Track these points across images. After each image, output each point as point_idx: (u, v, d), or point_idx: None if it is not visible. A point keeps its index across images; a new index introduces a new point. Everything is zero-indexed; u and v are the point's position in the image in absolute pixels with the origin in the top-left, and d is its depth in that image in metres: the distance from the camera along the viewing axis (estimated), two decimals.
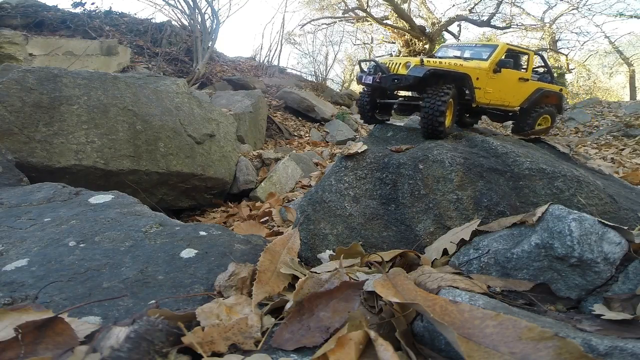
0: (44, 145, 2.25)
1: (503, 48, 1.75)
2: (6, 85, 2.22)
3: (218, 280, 0.91)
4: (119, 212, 1.33)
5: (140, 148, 2.60)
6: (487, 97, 1.70)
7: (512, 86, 1.78)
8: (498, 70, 1.69)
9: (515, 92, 1.81)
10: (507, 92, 1.78)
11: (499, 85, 1.72)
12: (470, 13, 11.11)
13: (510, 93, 1.79)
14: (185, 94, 3.18)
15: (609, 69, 16.73)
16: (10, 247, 1.06)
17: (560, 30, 13.32)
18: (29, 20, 6.11)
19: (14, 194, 1.48)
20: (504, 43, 1.81)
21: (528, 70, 1.85)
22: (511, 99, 1.80)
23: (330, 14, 13.06)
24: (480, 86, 1.64)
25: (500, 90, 1.74)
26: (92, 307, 0.81)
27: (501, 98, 1.76)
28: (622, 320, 0.72)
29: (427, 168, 1.26)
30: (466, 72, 1.57)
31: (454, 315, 0.63)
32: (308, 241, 1.26)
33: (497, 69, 1.69)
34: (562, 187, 1.15)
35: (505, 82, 1.75)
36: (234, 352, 0.67)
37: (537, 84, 1.87)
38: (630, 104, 7.40)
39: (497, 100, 1.75)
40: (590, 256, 0.84)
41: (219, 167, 3.09)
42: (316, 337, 0.68)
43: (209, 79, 7.08)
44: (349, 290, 0.77)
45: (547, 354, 0.53)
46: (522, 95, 1.83)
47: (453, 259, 1.06)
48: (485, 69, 1.67)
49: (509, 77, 1.75)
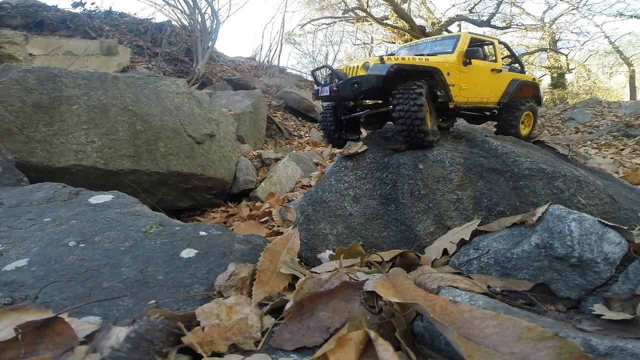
0: (44, 145, 2.25)
1: (466, 37, 1.58)
2: (6, 85, 2.22)
3: (218, 280, 0.91)
4: (119, 212, 1.33)
5: (140, 148, 2.60)
6: (463, 95, 1.51)
7: (486, 79, 1.60)
8: (468, 62, 1.51)
9: (492, 85, 1.62)
10: (484, 87, 1.59)
11: (473, 79, 1.53)
12: (470, 13, 11.12)
13: (487, 87, 1.61)
14: (185, 94, 3.18)
15: (609, 69, 16.73)
16: (10, 247, 1.06)
17: (560, 30, 13.34)
18: (29, 20, 6.11)
19: (14, 194, 1.48)
20: (466, 32, 1.65)
21: (498, 60, 1.67)
22: (489, 94, 1.62)
23: (330, 14, 13.08)
24: (453, 82, 1.46)
25: (475, 85, 1.55)
26: (92, 307, 0.81)
27: (479, 94, 1.57)
28: (622, 320, 0.72)
29: (427, 168, 1.26)
30: (435, 66, 1.40)
31: (454, 315, 0.63)
32: (308, 241, 1.26)
33: (466, 60, 1.50)
34: (562, 187, 1.15)
35: (478, 75, 1.56)
36: (234, 352, 0.67)
37: (510, 74, 1.71)
38: (630, 104, 7.40)
39: (474, 96, 1.55)
40: (590, 256, 0.84)
41: (219, 167, 3.09)
42: (316, 337, 0.68)
43: (209, 79, 7.08)
44: (349, 290, 0.77)
45: (547, 354, 0.53)
46: (499, 88, 1.65)
47: (453, 259, 1.06)
48: (454, 61, 1.48)
49: (482, 68, 1.57)
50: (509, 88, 1.66)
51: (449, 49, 1.55)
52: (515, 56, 1.89)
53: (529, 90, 1.77)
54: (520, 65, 1.86)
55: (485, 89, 1.60)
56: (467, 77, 1.51)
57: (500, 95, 1.65)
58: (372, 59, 1.35)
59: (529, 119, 1.77)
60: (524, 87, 1.73)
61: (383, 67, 1.29)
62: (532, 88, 1.78)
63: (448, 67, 1.45)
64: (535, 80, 1.80)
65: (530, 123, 1.80)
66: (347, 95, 1.35)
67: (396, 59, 1.36)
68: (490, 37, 1.75)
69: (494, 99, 1.63)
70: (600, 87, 15.57)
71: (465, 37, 1.58)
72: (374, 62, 1.32)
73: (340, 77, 1.38)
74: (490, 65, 1.61)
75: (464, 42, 1.55)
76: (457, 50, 1.52)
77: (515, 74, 1.73)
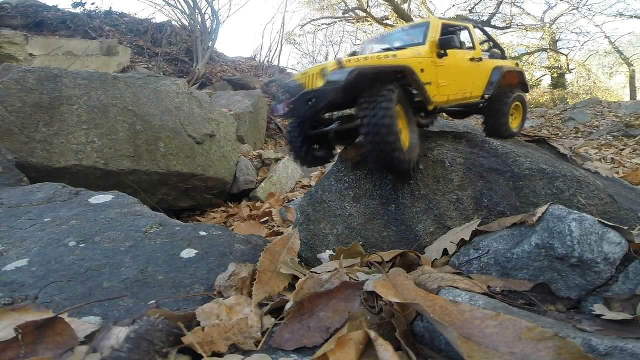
0: (44, 145, 2.25)
1: (436, 24, 1.37)
2: (6, 85, 2.22)
3: (218, 280, 0.91)
4: (119, 212, 1.33)
5: (140, 148, 2.60)
6: (443, 93, 1.30)
7: (466, 70, 1.40)
8: (443, 53, 1.30)
9: (473, 77, 1.43)
10: (465, 80, 1.39)
11: (451, 72, 1.33)
12: (470, 13, 11.13)
13: (468, 80, 1.40)
14: (185, 94, 3.18)
15: (609, 69, 16.74)
16: (10, 247, 1.06)
17: (560, 30, 13.35)
18: (29, 20, 6.11)
19: (14, 194, 1.48)
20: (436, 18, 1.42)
21: (476, 47, 1.47)
22: (471, 88, 1.42)
23: (330, 14, 13.09)
24: (429, 80, 1.24)
25: (455, 80, 1.34)
26: (92, 307, 0.81)
27: (460, 89, 1.37)
28: (622, 320, 0.72)
29: (427, 168, 1.26)
30: (405, 63, 1.18)
31: (454, 315, 0.63)
32: (308, 241, 1.26)
33: (441, 51, 1.30)
34: (562, 187, 1.15)
35: (457, 67, 1.36)
36: (234, 352, 0.67)
37: (492, 62, 1.52)
38: (630, 104, 7.41)
39: (455, 93, 1.36)
40: (590, 256, 0.84)
41: (219, 167, 3.09)
42: (316, 337, 0.68)
43: (209, 79, 7.08)
44: (349, 290, 0.77)
45: (547, 354, 0.53)
46: (482, 79, 1.46)
47: (453, 259, 1.06)
48: (427, 54, 1.27)
49: (459, 58, 1.37)
50: (492, 77, 1.48)
51: (420, 39, 1.33)
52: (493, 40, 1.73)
53: (513, 76, 1.59)
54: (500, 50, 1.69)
55: (467, 82, 1.40)
56: (445, 71, 1.31)
57: (484, 87, 1.47)
58: (330, 63, 1.13)
59: (517, 111, 1.61)
60: (508, 74, 1.56)
61: (340, 73, 1.06)
62: (516, 74, 1.60)
63: (421, 62, 1.23)
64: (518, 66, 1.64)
65: (519, 114, 1.63)
66: (303, 115, 1.13)
67: (357, 60, 1.13)
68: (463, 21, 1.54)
69: (477, 92, 1.45)
70: (600, 87, 15.56)
71: (436, 24, 1.36)
72: (331, 68, 1.10)
73: (291, 91, 1.16)
74: (468, 53, 1.41)
75: (434, 30, 1.33)
76: (429, 40, 1.31)
77: (497, 61, 1.55)
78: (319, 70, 1.13)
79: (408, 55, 1.23)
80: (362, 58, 1.15)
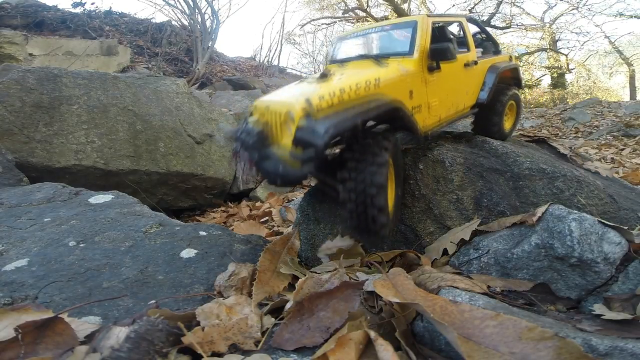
0: (44, 145, 2.25)
1: (425, 23, 1.11)
2: (6, 85, 2.22)
3: (218, 280, 0.91)
4: (119, 212, 1.33)
5: (140, 148, 2.60)
6: (434, 115, 1.13)
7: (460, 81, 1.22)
8: (435, 66, 1.09)
9: (467, 86, 1.25)
10: (458, 93, 1.21)
11: (443, 88, 1.14)
12: (470, 13, 11.12)
13: (462, 91, 1.22)
14: (185, 94, 3.18)
15: (609, 69, 16.74)
16: (10, 247, 1.06)
17: (560, 30, 13.35)
18: (29, 20, 6.11)
19: (14, 194, 1.48)
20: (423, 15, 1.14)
21: (470, 47, 1.27)
22: (465, 99, 1.25)
23: (330, 14, 13.09)
24: (419, 103, 1.05)
25: (448, 95, 1.16)
26: (92, 307, 0.81)
27: (453, 104, 1.20)
28: (622, 320, 0.72)
29: (427, 168, 1.26)
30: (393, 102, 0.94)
31: (454, 315, 0.63)
32: (308, 241, 1.26)
33: (433, 65, 1.08)
34: (562, 187, 1.15)
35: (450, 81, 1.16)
36: (234, 352, 0.67)
37: (487, 61, 1.35)
38: (630, 104, 7.41)
39: (448, 110, 1.20)
40: (590, 256, 0.84)
41: (219, 167, 3.09)
42: (316, 337, 0.68)
43: (209, 79, 7.08)
44: (349, 290, 0.77)
45: (547, 354, 0.53)
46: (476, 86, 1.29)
47: (453, 259, 1.06)
48: (415, 69, 1.05)
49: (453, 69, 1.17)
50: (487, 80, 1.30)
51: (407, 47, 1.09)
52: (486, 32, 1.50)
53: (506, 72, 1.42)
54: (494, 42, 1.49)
55: (460, 94, 1.21)
56: (436, 87, 1.11)
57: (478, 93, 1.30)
58: (297, 105, 0.83)
59: (512, 111, 1.46)
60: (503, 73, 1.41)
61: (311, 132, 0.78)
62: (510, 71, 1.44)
63: (410, 83, 1.01)
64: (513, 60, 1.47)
65: (513, 115, 1.48)
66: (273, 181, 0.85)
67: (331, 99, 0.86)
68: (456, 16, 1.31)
69: (469, 102, 1.27)
70: (600, 87, 15.57)
71: (425, 24, 1.11)
72: (299, 115, 0.82)
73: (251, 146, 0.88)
74: (462, 59, 1.20)
75: (424, 33, 1.09)
76: (418, 49, 1.07)
77: (492, 59, 1.38)
78: (284, 114, 0.86)
79: (393, 77, 0.99)
80: (337, 91, 0.88)
